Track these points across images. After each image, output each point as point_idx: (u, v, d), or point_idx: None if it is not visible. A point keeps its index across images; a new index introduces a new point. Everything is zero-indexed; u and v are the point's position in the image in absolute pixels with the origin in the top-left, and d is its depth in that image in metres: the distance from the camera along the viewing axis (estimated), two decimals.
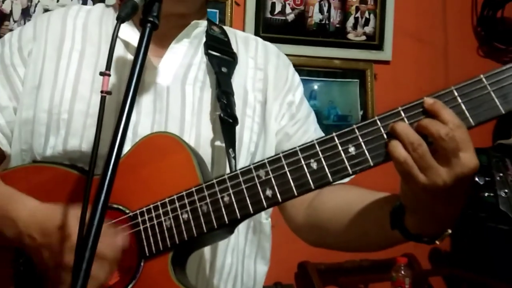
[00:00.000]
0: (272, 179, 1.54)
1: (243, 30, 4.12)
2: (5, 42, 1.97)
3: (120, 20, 1.40)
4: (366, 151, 1.47)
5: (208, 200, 1.59)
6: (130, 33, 1.82)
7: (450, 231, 1.49)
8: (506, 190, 2.52)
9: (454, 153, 1.37)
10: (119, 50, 1.79)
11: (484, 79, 1.41)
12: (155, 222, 1.63)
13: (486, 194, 2.63)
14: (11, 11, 3.74)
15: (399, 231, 1.50)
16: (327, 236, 1.88)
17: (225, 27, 2.12)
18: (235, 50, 2.05)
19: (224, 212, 1.57)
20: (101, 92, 1.35)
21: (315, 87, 4.38)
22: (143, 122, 1.77)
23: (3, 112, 1.89)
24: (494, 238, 3.83)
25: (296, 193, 1.52)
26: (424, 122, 1.40)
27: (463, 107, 1.42)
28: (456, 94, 1.43)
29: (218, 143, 1.86)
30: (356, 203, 1.73)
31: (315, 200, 1.89)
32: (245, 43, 2.11)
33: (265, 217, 2.00)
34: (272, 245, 2.05)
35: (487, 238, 3.99)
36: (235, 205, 1.57)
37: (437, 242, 1.50)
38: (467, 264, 4.25)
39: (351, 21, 4.49)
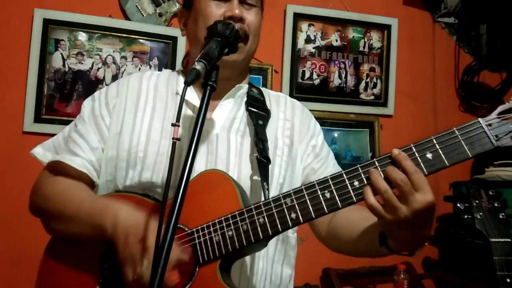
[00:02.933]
0: (296, 205, 1.60)
1: (281, 91, 4.16)
2: (95, 98, 2.06)
3: (187, 84, 1.47)
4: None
5: (247, 221, 1.64)
6: (190, 93, 1.93)
7: (422, 247, 1.61)
8: (481, 214, 2.49)
9: (410, 194, 1.44)
10: None
11: (456, 131, 1.49)
12: (207, 237, 1.68)
13: (465, 216, 2.58)
14: (103, 77, 3.82)
15: (385, 248, 1.62)
16: (341, 245, 1.97)
17: (262, 88, 2.19)
18: (268, 107, 2.10)
19: (259, 230, 1.63)
20: (173, 138, 1.40)
21: (335, 135, 4.44)
22: (199, 161, 1.83)
23: (94, 152, 1.95)
24: (472, 250, 3.79)
25: (314, 216, 1.59)
26: (387, 170, 1.49)
27: (440, 151, 1.49)
28: (435, 142, 1.50)
29: (255, 177, 1.89)
30: (359, 224, 1.81)
31: (333, 220, 1.98)
32: (277, 100, 2.17)
33: (291, 232, 2.06)
34: (302, 254, 2.10)
35: (466, 250, 3.95)
36: (267, 224, 1.62)
37: (416, 254, 1.59)
38: (452, 270, 4.22)
39: (362, 84, 4.58)
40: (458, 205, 2.57)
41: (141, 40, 4.01)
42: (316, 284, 4.16)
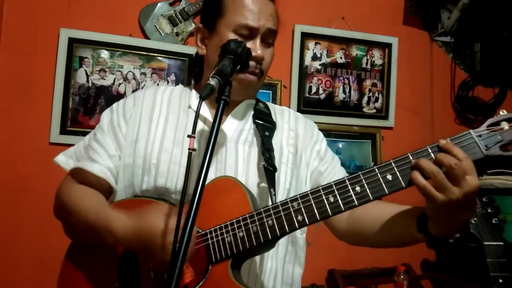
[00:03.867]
0: (302, 209, 1.62)
1: (289, 106, 4.26)
2: (113, 110, 2.07)
3: (202, 98, 1.49)
4: (367, 189, 1.57)
5: (257, 223, 1.66)
6: (201, 107, 1.89)
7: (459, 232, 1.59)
8: (475, 219, 2.50)
9: (462, 177, 1.44)
10: (193, 118, 1.86)
11: (449, 141, 1.51)
12: (219, 238, 1.70)
13: None
14: (124, 91, 3.87)
15: (423, 234, 1.61)
16: (367, 237, 1.90)
17: (268, 103, 2.21)
18: (274, 119, 2.12)
19: (268, 231, 1.65)
20: (189, 149, 1.43)
21: (340, 145, 4.45)
22: (209, 169, 1.82)
23: (112, 159, 1.98)
24: (467, 253, 3.79)
25: (318, 218, 1.62)
26: (439, 155, 1.48)
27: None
28: (430, 151, 1.52)
29: (262, 184, 1.91)
30: (387, 213, 1.80)
31: (353, 215, 1.96)
32: (281, 113, 2.19)
33: (300, 233, 2.07)
34: (309, 257, 2.10)
35: (461, 253, 3.95)
36: (276, 226, 1.64)
37: (451, 240, 1.59)
38: (448, 271, 4.22)
39: (365, 99, 4.58)
40: None
41: (159, 58, 4.03)
42: (322, 284, 4.17)
